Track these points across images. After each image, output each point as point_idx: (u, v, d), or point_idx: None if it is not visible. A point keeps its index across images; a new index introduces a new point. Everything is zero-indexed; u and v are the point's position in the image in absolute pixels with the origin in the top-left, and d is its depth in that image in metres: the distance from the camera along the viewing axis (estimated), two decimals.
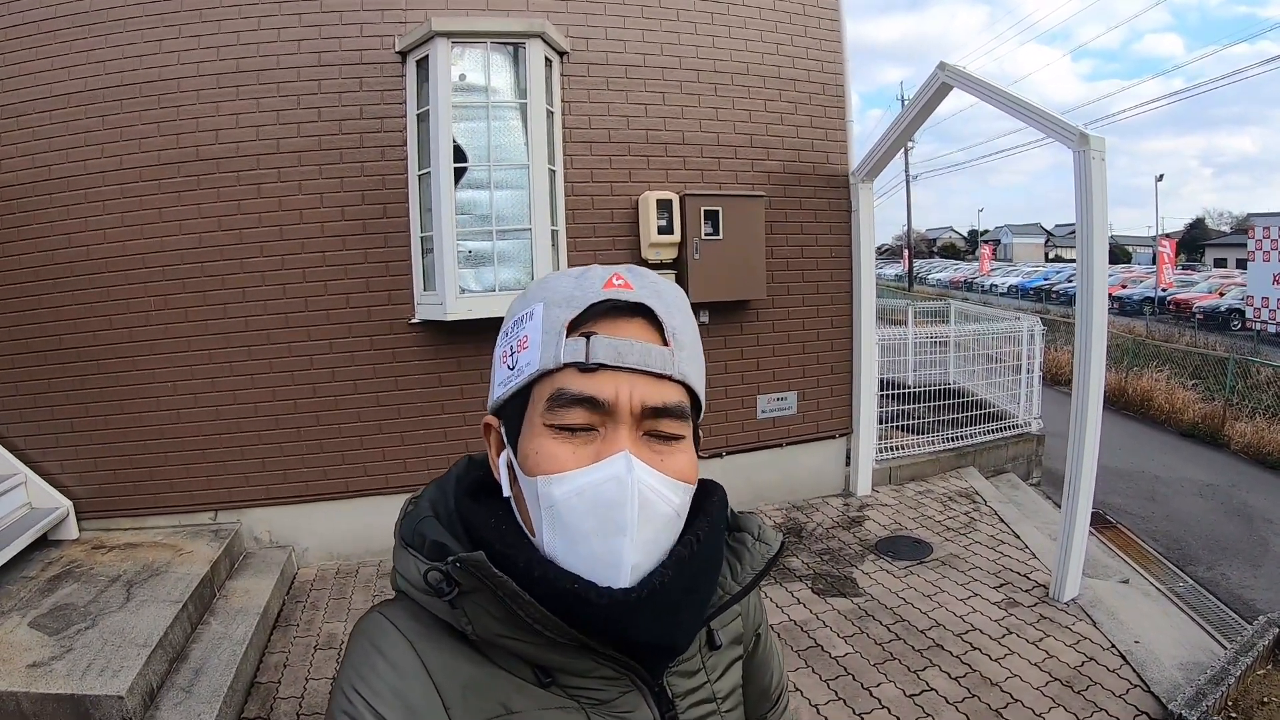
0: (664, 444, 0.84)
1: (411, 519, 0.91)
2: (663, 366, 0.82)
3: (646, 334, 0.84)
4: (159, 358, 5.35)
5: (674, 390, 0.84)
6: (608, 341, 0.81)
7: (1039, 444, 8.67)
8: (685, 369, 0.85)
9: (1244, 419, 11.51)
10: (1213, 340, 20.06)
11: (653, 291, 0.86)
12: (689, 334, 0.87)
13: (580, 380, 0.81)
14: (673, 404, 0.83)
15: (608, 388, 0.80)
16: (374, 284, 5.57)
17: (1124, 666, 4.27)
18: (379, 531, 5.63)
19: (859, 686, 4.15)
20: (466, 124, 5.39)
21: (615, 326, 0.83)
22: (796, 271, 6.67)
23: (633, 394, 0.81)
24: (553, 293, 0.86)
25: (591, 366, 0.80)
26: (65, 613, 4.10)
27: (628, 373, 0.81)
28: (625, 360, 0.81)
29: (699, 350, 0.90)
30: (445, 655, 0.82)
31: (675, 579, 0.83)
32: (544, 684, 0.84)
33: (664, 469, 0.82)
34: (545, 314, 0.85)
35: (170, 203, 5.27)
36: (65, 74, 5.14)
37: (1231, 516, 8.34)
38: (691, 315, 0.91)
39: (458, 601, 0.80)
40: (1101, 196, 4.58)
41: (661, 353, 0.83)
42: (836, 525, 6.35)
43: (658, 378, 0.82)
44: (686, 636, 0.91)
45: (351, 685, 0.80)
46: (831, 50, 6.68)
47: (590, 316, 0.83)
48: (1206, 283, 30.62)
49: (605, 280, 0.85)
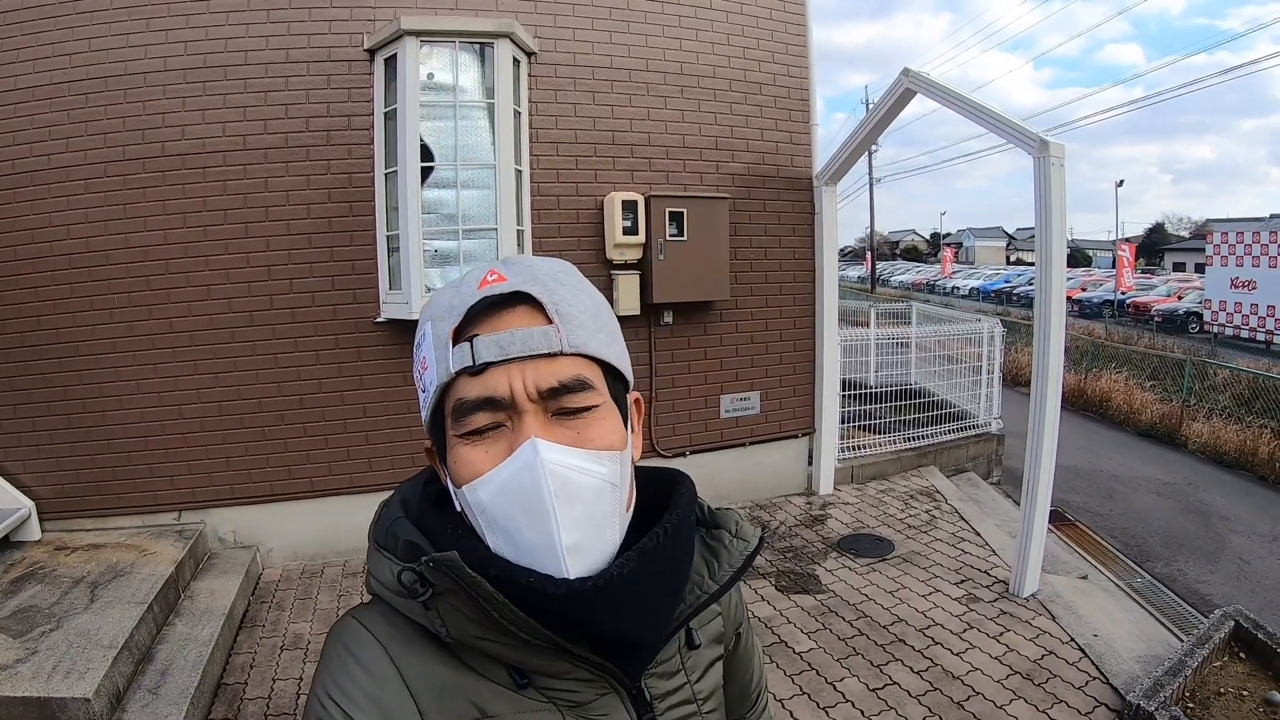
0: (575, 418, 0.83)
1: (385, 521, 0.90)
2: (548, 346, 0.81)
3: (528, 319, 0.83)
4: (123, 355, 5.29)
5: (568, 364, 0.83)
6: (489, 339, 0.81)
7: (999, 443, 8.80)
8: (578, 340, 0.84)
9: (1201, 419, 11.76)
10: (1171, 343, 20.45)
11: (528, 275, 0.85)
12: (580, 304, 0.86)
13: (474, 384, 0.81)
14: (568, 379, 0.82)
15: (500, 383, 0.80)
16: (339, 282, 5.55)
17: (1083, 659, 4.36)
18: (344, 531, 5.62)
19: (823, 681, 4.20)
20: (434, 123, 5.38)
21: (497, 321, 0.83)
22: (760, 273, 6.73)
23: (525, 381, 0.80)
24: (436, 309, 0.86)
25: (479, 368, 0.81)
26: (29, 615, 4.05)
27: (517, 362, 0.81)
28: (509, 352, 0.80)
29: (602, 319, 0.89)
30: (420, 659, 0.82)
31: (639, 571, 0.82)
32: (520, 686, 0.84)
33: (579, 442, 0.82)
34: (433, 331, 0.85)
35: (135, 198, 5.22)
36: (30, 67, 5.07)
37: (1188, 514, 8.52)
38: (584, 286, 0.90)
39: (432, 603, 0.80)
40: (1061, 201, 4.67)
41: (544, 332, 0.82)
42: (799, 523, 6.42)
43: (548, 358, 0.82)
44: (657, 633, 0.90)
45: (326, 692, 0.80)
46: (798, 55, 6.75)
47: (471, 320, 0.83)
48: (1165, 286, 31.11)
49: (480, 280, 0.85)
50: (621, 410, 0.90)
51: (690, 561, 0.95)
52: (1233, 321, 22.00)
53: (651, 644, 0.91)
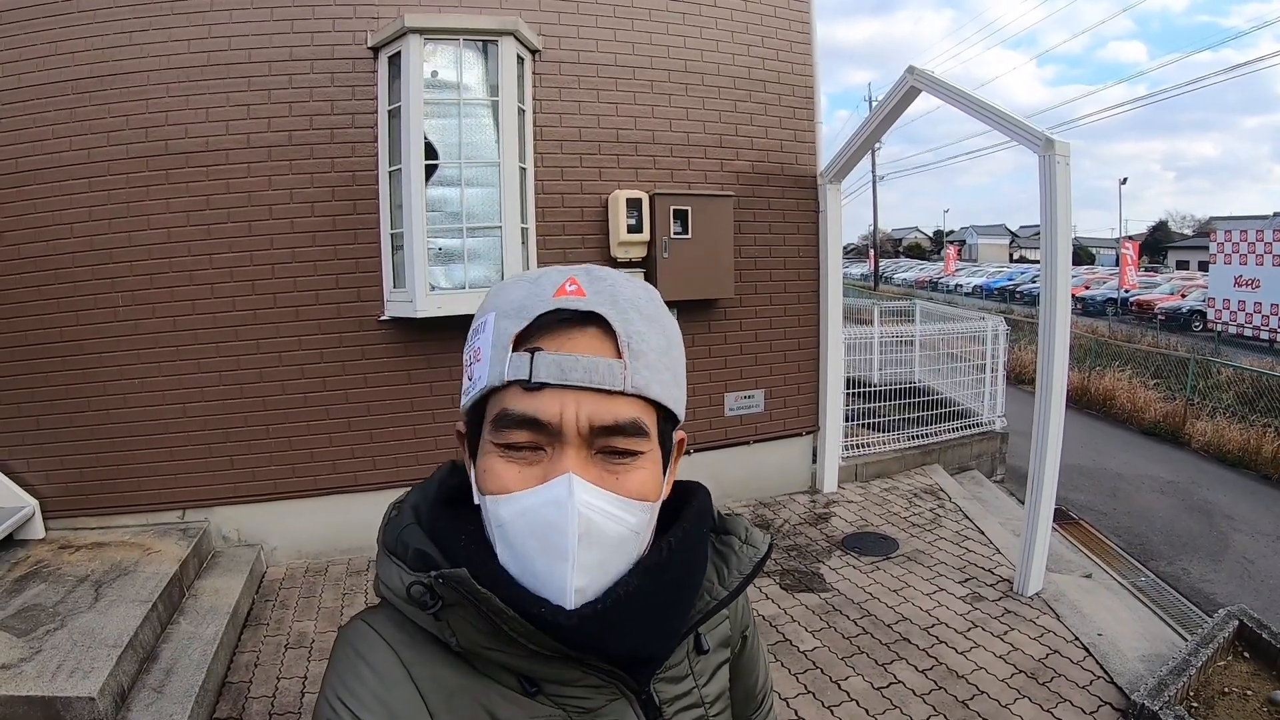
0: (619, 461, 0.80)
1: (394, 526, 0.89)
2: (612, 382, 0.78)
3: (598, 345, 0.79)
4: (126, 354, 5.29)
5: (628, 406, 0.79)
6: (552, 358, 0.77)
7: (1003, 441, 8.79)
8: (642, 381, 0.80)
9: (1204, 418, 11.74)
10: (1174, 341, 20.42)
11: (608, 297, 0.81)
12: (652, 340, 0.82)
13: (524, 399, 0.78)
14: (625, 421, 0.79)
15: (552, 407, 0.77)
16: (344, 280, 5.55)
17: (1087, 659, 4.35)
18: (348, 529, 5.62)
19: (828, 680, 4.20)
20: (438, 121, 5.38)
21: (564, 338, 0.79)
22: (764, 271, 6.73)
23: (579, 413, 0.77)
24: (504, 302, 0.83)
25: (534, 385, 0.77)
26: (33, 613, 4.05)
27: (574, 390, 0.77)
28: (569, 378, 0.77)
29: (671, 356, 0.85)
30: (430, 663, 0.82)
31: (644, 587, 0.82)
32: (530, 693, 0.83)
33: (617, 488, 0.79)
34: (496, 326, 0.81)
35: (139, 197, 5.21)
36: (33, 65, 5.06)
37: (1192, 513, 8.50)
38: (661, 317, 0.86)
39: (441, 614, 0.80)
40: (1066, 200, 4.66)
41: (611, 366, 0.78)
42: (803, 522, 6.41)
43: (608, 394, 0.78)
44: (667, 645, 0.90)
45: (336, 693, 0.80)
46: (801, 52, 6.74)
47: (539, 328, 0.79)
48: (1169, 284, 31.10)
49: (558, 286, 0.81)
50: (665, 452, 0.87)
51: (702, 574, 0.94)
52: (1236, 320, 21.99)
53: (663, 653, 0.91)
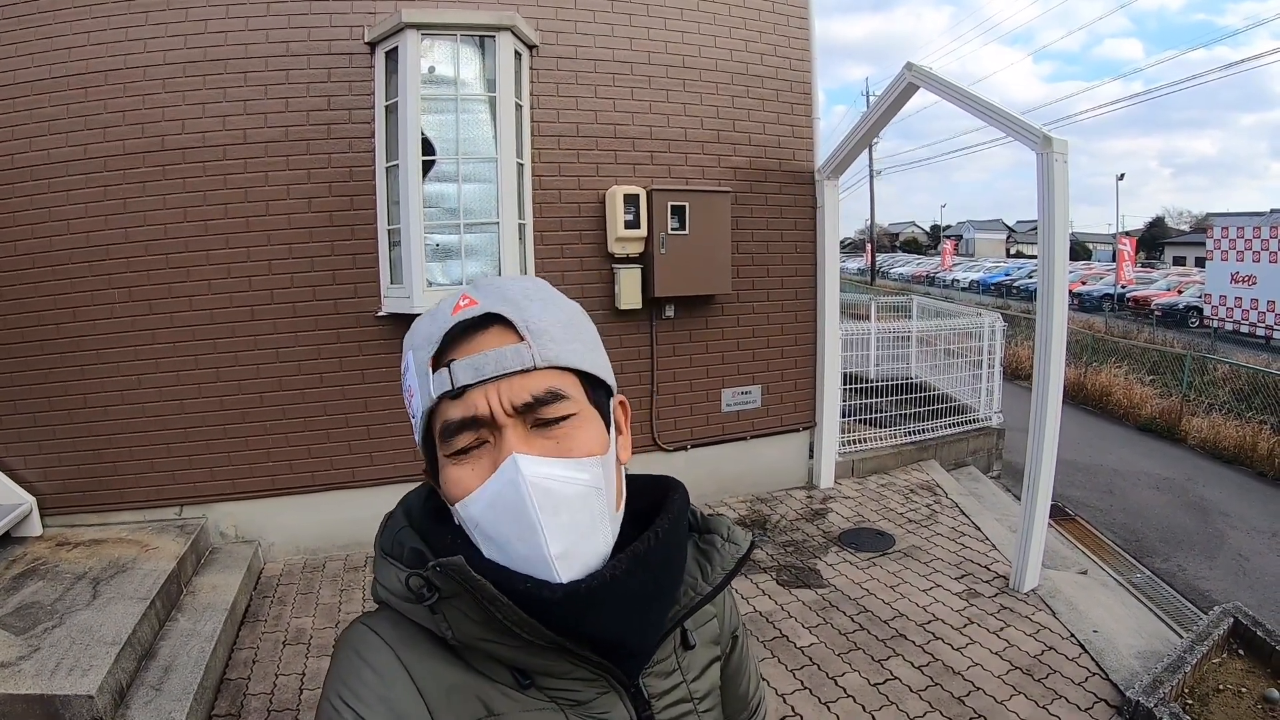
0: (554, 428, 0.87)
1: (390, 529, 0.95)
2: (520, 362, 0.85)
3: (503, 338, 0.87)
4: (123, 350, 5.28)
5: (541, 378, 0.86)
6: (464, 362, 0.85)
7: (999, 437, 8.80)
8: (550, 354, 0.87)
9: (1200, 414, 11.73)
10: (1171, 337, 20.39)
11: (498, 297, 0.89)
12: (551, 317, 0.90)
13: (455, 406, 0.85)
14: (540, 392, 0.86)
15: (479, 402, 0.84)
16: (340, 277, 5.54)
17: (1083, 655, 4.37)
18: (346, 526, 5.63)
19: (824, 676, 4.21)
20: (435, 116, 5.38)
21: (473, 344, 0.86)
22: (762, 266, 6.73)
23: (500, 398, 0.84)
24: (416, 338, 0.90)
25: (458, 391, 0.85)
26: (31, 611, 4.05)
27: (493, 381, 0.84)
28: (484, 372, 0.84)
29: (575, 327, 0.93)
30: (428, 661, 0.85)
31: (632, 573, 0.86)
32: (523, 687, 0.87)
33: (559, 452, 0.86)
34: (414, 360, 0.89)
35: (135, 193, 5.20)
36: (29, 60, 5.05)
37: (1188, 510, 8.51)
38: (556, 298, 0.94)
39: (438, 607, 0.84)
40: (1063, 196, 4.66)
41: (517, 350, 0.85)
42: (800, 517, 6.42)
43: (522, 374, 0.85)
44: (652, 635, 0.94)
45: (338, 694, 0.83)
46: (799, 47, 6.73)
47: (448, 345, 0.87)
48: (1165, 280, 31.07)
49: (454, 306, 0.89)
50: (605, 415, 0.93)
51: (682, 564, 0.98)
52: (1233, 316, 21.98)
53: (648, 644, 0.95)
